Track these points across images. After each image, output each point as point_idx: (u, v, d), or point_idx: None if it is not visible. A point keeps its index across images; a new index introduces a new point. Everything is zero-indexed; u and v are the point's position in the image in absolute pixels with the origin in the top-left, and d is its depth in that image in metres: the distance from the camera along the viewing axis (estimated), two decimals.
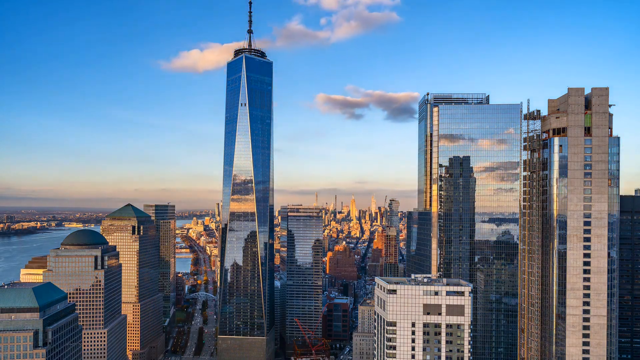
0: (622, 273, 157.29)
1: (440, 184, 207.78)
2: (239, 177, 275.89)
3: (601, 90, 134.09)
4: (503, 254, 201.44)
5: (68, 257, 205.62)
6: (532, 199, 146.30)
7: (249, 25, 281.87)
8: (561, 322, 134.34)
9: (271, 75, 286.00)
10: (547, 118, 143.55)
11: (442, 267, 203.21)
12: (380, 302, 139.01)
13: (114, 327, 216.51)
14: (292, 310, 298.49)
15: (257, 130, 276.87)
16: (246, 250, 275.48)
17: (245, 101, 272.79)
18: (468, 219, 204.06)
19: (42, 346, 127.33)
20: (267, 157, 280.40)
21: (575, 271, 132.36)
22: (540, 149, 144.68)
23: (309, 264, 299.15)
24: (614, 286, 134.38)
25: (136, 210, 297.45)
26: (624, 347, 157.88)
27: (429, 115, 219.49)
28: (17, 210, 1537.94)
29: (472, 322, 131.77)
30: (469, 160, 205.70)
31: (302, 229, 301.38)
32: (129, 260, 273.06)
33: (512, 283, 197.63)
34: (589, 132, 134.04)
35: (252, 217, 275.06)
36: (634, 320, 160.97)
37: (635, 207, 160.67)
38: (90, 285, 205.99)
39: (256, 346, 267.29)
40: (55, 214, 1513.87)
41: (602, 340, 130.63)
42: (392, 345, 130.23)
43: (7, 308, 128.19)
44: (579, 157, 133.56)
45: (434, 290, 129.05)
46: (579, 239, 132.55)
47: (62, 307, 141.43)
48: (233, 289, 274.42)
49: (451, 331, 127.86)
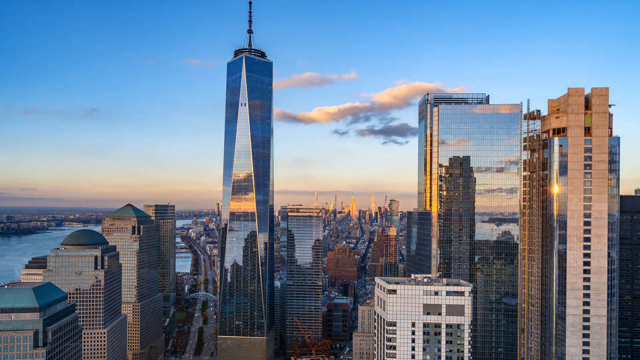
0: (622, 273, 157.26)
1: (440, 184, 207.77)
2: (239, 177, 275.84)
3: (601, 90, 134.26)
4: (503, 254, 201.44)
5: (68, 257, 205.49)
6: (532, 199, 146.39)
7: (249, 25, 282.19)
8: (561, 322, 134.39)
9: (271, 75, 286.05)
10: (547, 118, 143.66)
11: (442, 267, 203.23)
12: (380, 302, 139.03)
13: (114, 327, 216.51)
14: (292, 310, 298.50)
15: (257, 130, 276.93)
16: (246, 250, 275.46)
17: (245, 101, 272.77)
18: (468, 219, 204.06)
19: (42, 346, 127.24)
20: (267, 157, 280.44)
21: (575, 271, 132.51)
22: (540, 149, 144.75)
23: (309, 264, 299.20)
24: (614, 286, 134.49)
25: (136, 210, 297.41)
26: (624, 347, 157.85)
27: (429, 115, 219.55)
28: (17, 210, 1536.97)
29: (472, 322, 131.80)
30: (469, 160, 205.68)
31: (302, 229, 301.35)
32: (129, 260, 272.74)
33: (512, 283, 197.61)
34: (589, 132, 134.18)
35: (252, 217, 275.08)
36: (634, 320, 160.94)
37: (635, 207, 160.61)
38: (90, 285, 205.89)
39: (256, 346, 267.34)
40: (55, 214, 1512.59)
41: (602, 340, 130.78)
42: (392, 345, 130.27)
43: (7, 308, 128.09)
44: (579, 157, 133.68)
45: (434, 290, 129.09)
46: (579, 239, 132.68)
47: (62, 307, 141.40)
48: (233, 289, 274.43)
49: (451, 331, 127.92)
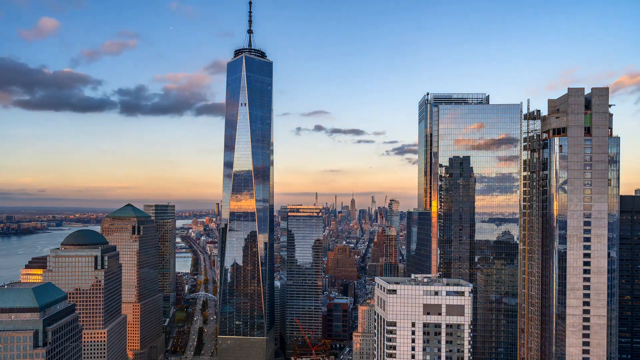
0: (622, 273, 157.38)
1: (440, 184, 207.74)
2: (239, 177, 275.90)
3: (601, 90, 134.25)
4: (503, 254, 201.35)
5: (68, 257, 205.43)
6: (532, 199, 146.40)
7: (249, 25, 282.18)
8: (561, 322, 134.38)
9: (271, 75, 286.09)
10: (547, 118, 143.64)
11: (442, 267, 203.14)
12: (380, 302, 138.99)
13: (114, 327, 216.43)
14: (292, 310, 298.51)
15: (257, 130, 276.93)
16: (246, 250, 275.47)
17: (245, 101, 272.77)
18: (468, 219, 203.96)
19: (42, 346, 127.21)
20: (267, 157, 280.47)
21: (575, 271, 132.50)
22: (540, 149, 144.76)
23: (309, 264, 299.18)
24: (614, 286, 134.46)
25: (136, 210, 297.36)
26: (624, 347, 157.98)
27: (429, 115, 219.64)
28: (17, 210, 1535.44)
29: (472, 322, 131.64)
30: (469, 160, 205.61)
31: (302, 229, 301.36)
32: (129, 260, 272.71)
33: (512, 283, 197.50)
34: (589, 132, 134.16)
35: (252, 217, 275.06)
36: (634, 320, 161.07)
37: (635, 207, 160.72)
38: (90, 285, 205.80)
39: (256, 346, 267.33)
40: (55, 214, 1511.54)
41: (602, 340, 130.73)
42: (392, 345, 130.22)
43: (7, 308, 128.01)
44: (579, 157, 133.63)
45: (434, 290, 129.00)
46: (579, 239, 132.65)
47: (62, 307, 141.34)
48: (233, 289, 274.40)
49: (451, 331, 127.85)
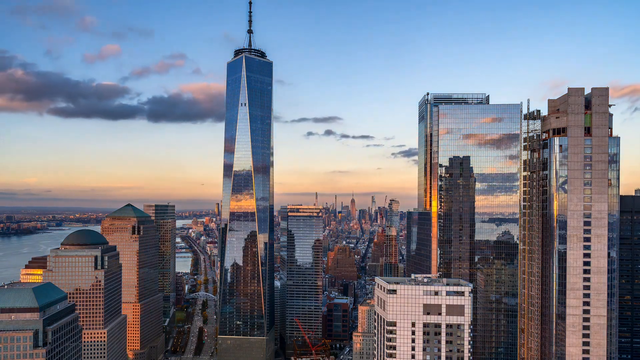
0: (622, 273, 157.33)
1: (440, 184, 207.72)
2: (239, 176, 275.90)
3: (601, 90, 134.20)
4: (503, 254, 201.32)
5: (68, 257, 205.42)
6: (532, 199, 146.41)
7: (249, 25, 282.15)
8: (561, 322, 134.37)
9: (271, 75, 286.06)
10: (547, 118, 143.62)
11: (442, 267, 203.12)
12: (380, 302, 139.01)
13: (114, 327, 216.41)
14: (292, 310, 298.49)
15: (257, 130, 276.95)
16: (246, 250, 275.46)
17: (245, 101, 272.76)
18: (468, 219, 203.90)
19: (42, 346, 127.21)
20: (267, 156, 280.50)
21: (575, 271, 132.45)
22: (540, 149, 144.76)
23: (309, 264, 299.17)
24: (614, 286, 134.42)
25: (136, 210, 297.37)
26: (624, 347, 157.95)
27: (429, 115, 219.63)
28: (17, 210, 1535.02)
29: (472, 322, 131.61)
30: (469, 160, 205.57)
31: (302, 229, 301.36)
32: (129, 260, 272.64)
33: (512, 283, 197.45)
34: (589, 132, 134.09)
35: (252, 217, 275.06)
36: (634, 320, 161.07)
37: (635, 207, 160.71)
38: (90, 285, 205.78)
39: (256, 346, 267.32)
40: (55, 214, 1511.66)
41: (602, 340, 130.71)
42: (392, 345, 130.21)
43: (7, 308, 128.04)
44: (579, 157, 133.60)
45: (434, 290, 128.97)
46: (579, 239, 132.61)
47: (62, 307, 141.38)
48: (233, 289, 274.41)
49: (451, 331, 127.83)
